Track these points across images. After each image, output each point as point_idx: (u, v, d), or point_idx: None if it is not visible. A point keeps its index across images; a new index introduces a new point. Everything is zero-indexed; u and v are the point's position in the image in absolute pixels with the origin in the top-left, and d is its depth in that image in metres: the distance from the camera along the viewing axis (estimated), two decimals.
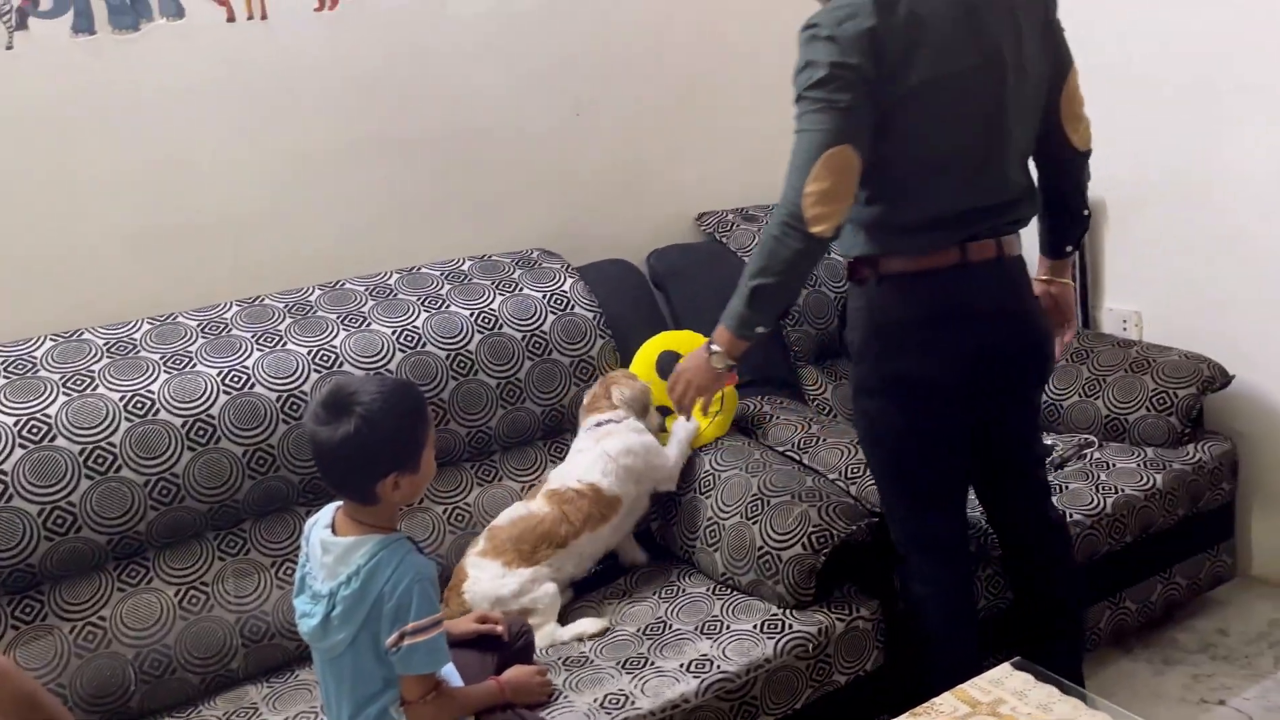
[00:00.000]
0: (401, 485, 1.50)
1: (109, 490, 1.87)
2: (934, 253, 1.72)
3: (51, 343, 1.98)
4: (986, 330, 1.76)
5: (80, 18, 2.06)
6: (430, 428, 1.55)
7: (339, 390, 1.49)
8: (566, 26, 2.56)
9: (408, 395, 1.54)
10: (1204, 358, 2.44)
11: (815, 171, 1.59)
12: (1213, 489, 2.37)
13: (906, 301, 1.74)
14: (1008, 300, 1.79)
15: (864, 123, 1.61)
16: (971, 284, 1.74)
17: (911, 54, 1.61)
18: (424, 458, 1.53)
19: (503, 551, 1.98)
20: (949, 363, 1.75)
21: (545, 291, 2.34)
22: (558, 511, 2.02)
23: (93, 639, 1.84)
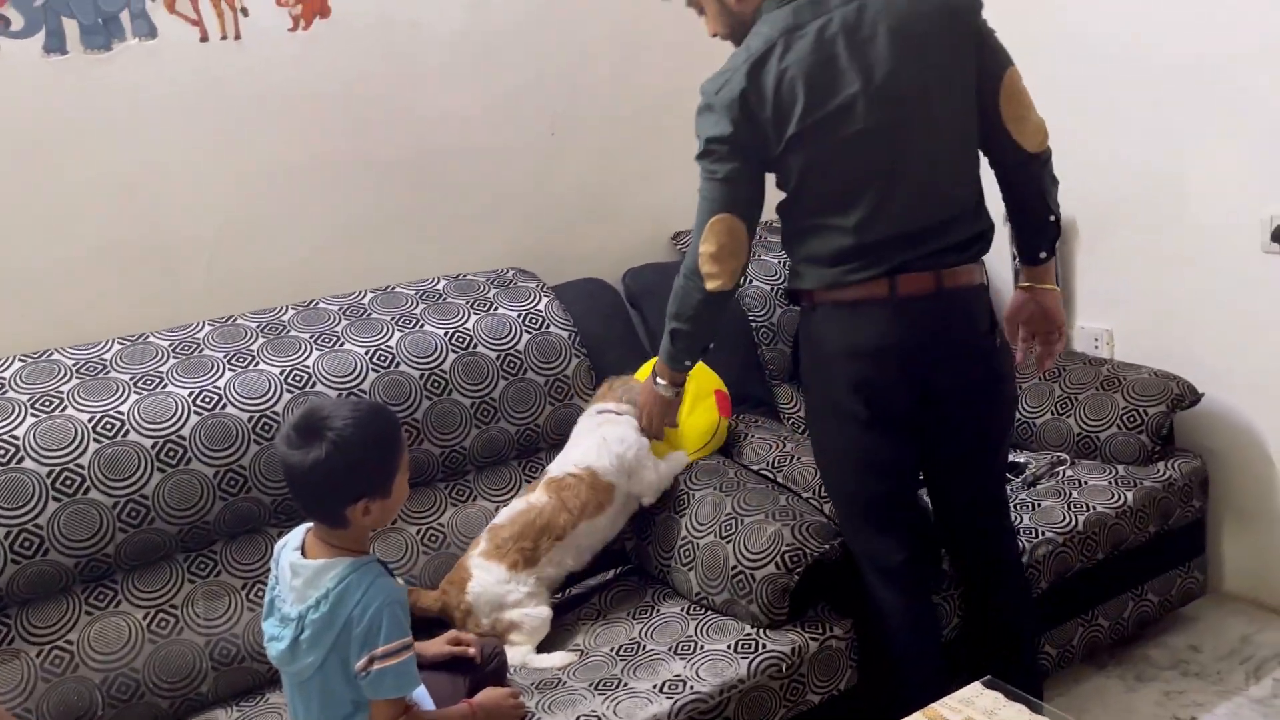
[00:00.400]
0: (372, 510, 1.49)
1: (77, 512, 1.85)
2: (861, 284, 1.74)
3: (20, 363, 1.97)
4: (929, 365, 1.77)
5: (52, 37, 2.05)
6: (403, 453, 1.54)
7: (311, 414, 1.48)
8: (540, 47, 2.57)
9: (380, 420, 1.53)
10: (1174, 376, 2.47)
11: (705, 234, 1.78)
12: (1183, 506, 2.39)
13: (836, 332, 1.79)
14: (954, 334, 1.78)
15: (743, 190, 1.77)
16: (906, 318, 1.74)
17: (788, 103, 1.69)
18: (396, 483, 1.52)
19: (505, 553, 1.99)
20: (876, 395, 1.78)
21: (520, 310, 2.34)
22: (556, 500, 2.05)
23: (60, 663, 1.82)
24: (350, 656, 1.46)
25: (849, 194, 1.72)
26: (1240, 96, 2.36)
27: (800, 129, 1.69)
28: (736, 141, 1.72)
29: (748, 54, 1.71)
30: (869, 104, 1.68)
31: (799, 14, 1.70)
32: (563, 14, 2.59)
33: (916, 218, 1.73)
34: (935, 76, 1.71)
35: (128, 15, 2.11)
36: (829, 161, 1.72)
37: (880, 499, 1.88)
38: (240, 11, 2.21)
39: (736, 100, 1.70)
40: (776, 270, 2.66)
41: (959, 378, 1.80)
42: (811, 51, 1.68)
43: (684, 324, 1.90)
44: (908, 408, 1.80)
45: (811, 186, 1.75)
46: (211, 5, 2.18)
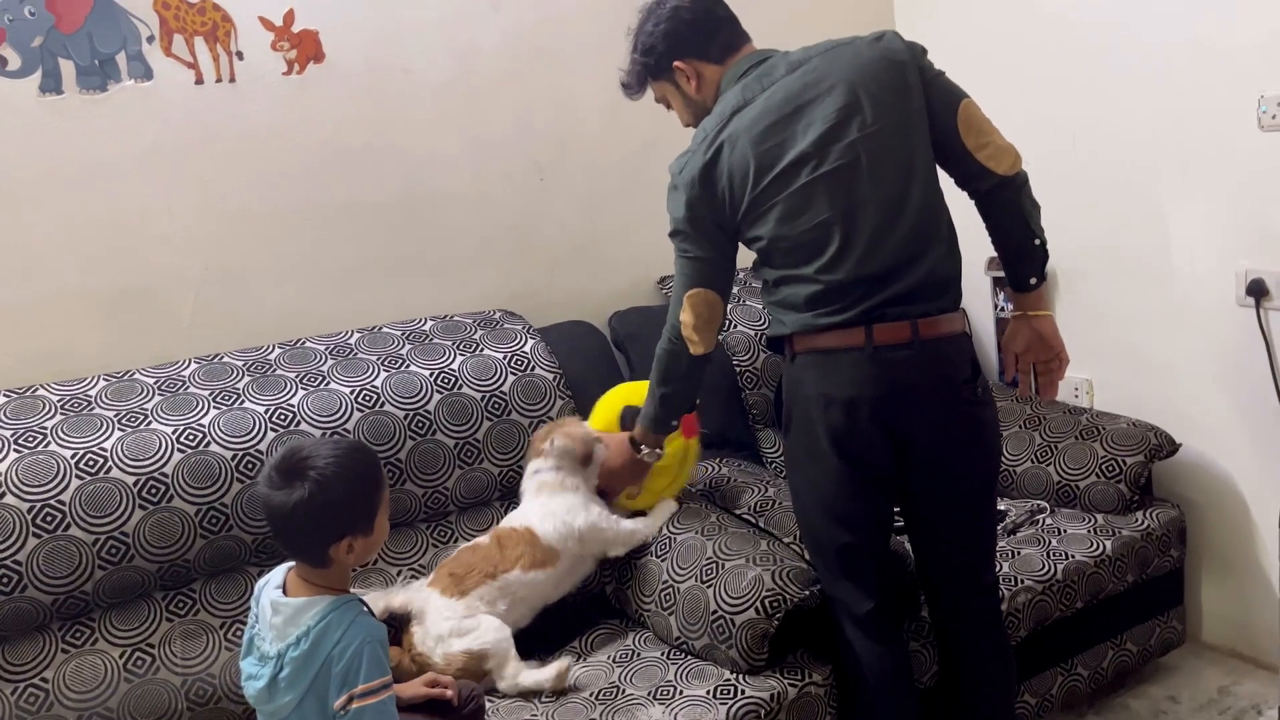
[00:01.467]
0: (355, 548, 1.50)
1: (57, 549, 1.85)
2: (836, 331, 1.76)
3: (4, 398, 1.97)
4: (906, 415, 1.78)
5: (48, 78, 2.08)
6: (384, 491, 1.55)
7: (292, 454, 1.49)
8: (528, 95, 2.62)
9: (361, 458, 1.53)
10: (1152, 426, 2.49)
11: (684, 306, 1.89)
12: (1161, 555, 2.41)
13: (813, 380, 1.80)
14: (932, 383, 1.78)
15: (713, 264, 1.88)
16: (882, 367, 1.75)
17: (740, 173, 1.79)
18: (378, 521, 1.53)
19: (440, 580, 2.01)
20: (849, 444, 1.79)
21: (506, 352, 2.36)
22: (495, 545, 2.06)
23: (34, 701, 1.81)
24: (329, 695, 1.46)
25: (810, 245, 1.77)
26: (1215, 151, 2.41)
27: (755, 194, 1.79)
28: (700, 220, 1.84)
29: (704, 134, 1.84)
30: (818, 159, 1.75)
31: (747, 91, 1.82)
32: (549, 65, 2.64)
33: (881, 259, 1.75)
34: (887, 124, 1.75)
35: (124, 57, 2.14)
36: (786, 219, 1.77)
37: (848, 548, 1.88)
38: (236, 55, 2.25)
39: (697, 178, 1.82)
40: (760, 316, 2.69)
41: (936, 429, 1.80)
42: (758, 121, 1.78)
43: (674, 386, 1.99)
44: (881, 459, 1.81)
45: (776, 244, 1.80)
46: (208, 48, 2.22)
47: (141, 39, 2.15)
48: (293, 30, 2.30)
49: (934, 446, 1.81)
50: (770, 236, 1.80)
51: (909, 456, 1.82)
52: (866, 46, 1.80)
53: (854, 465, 1.81)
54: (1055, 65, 2.69)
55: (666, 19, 1.92)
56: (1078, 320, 2.77)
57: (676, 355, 1.94)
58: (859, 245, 1.75)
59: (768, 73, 1.82)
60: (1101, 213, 2.66)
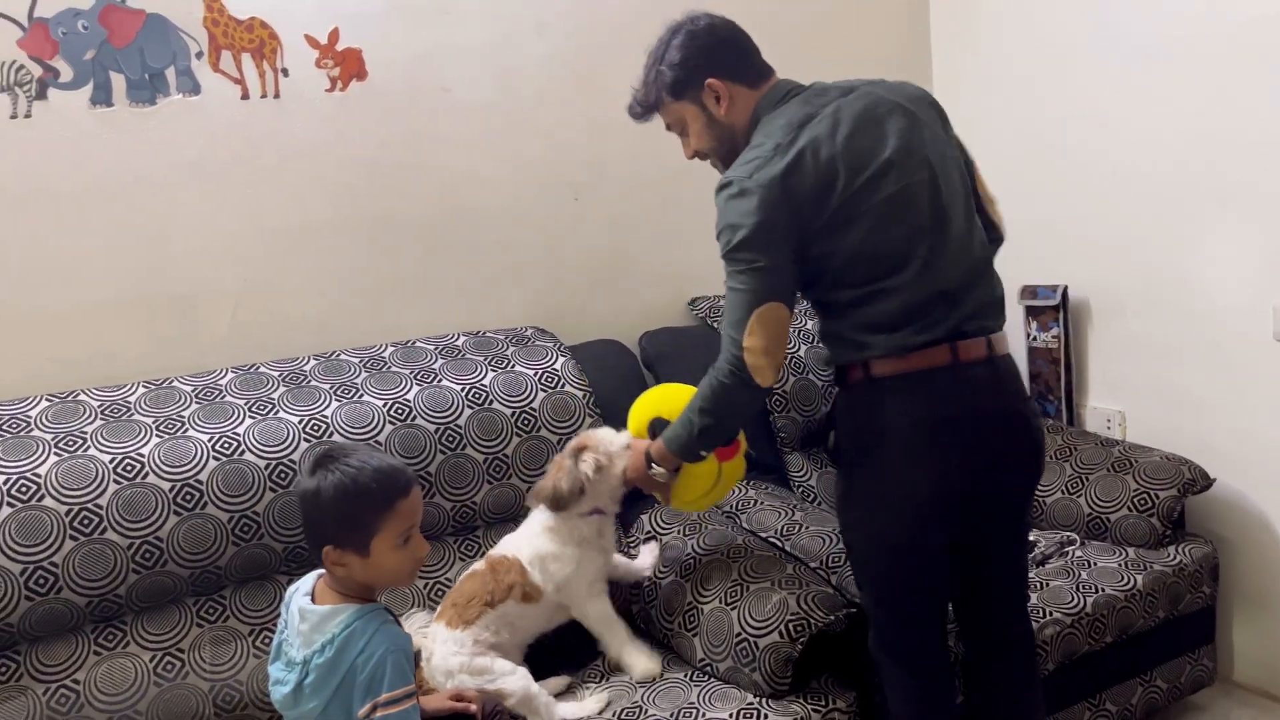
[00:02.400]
0: (347, 563, 1.49)
1: (92, 552, 1.88)
2: (923, 351, 1.70)
3: (47, 403, 2.01)
4: (986, 436, 1.73)
5: (99, 90, 2.13)
6: (391, 520, 1.50)
7: (331, 450, 1.53)
8: (565, 117, 2.65)
9: (375, 479, 1.49)
10: (1185, 460, 2.47)
11: (749, 327, 1.70)
12: (1193, 592, 2.38)
13: (901, 405, 1.71)
14: (1005, 402, 1.77)
15: (786, 275, 1.71)
16: (967, 386, 1.71)
17: (830, 174, 1.69)
18: (375, 545, 1.49)
19: (444, 612, 1.99)
20: (945, 472, 1.71)
21: (537, 369, 2.38)
22: (489, 573, 2.02)
23: (65, 702, 1.83)
24: (353, 703, 1.47)
25: (897, 255, 1.71)
26: (1253, 185, 2.40)
27: (847, 198, 1.69)
28: (775, 225, 1.68)
29: (773, 141, 1.71)
30: (901, 167, 1.71)
31: (808, 105, 1.76)
32: (585, 88, 2.67)
33: (961, 271, 1.74)
34: (942, 149, 1.78)
35: (173, 72, 2.19)
36: (880, 226, 1.70)
37: (925, 587, 1.80)
38: (281, 72, 2.30)
39: (777, 180, 1.67)
40: (791, 338, 2.69)
41: (1011, 449, 1.78)
42: (837, 129, 1.71)
43: (719, 421, 1.81)
44: (960, 485, 1.74)
45: (860, 255, 1.71)
46: (254, 64, 2.27)
47: (190, 55, 2.20)
48: (336, 49, 2.35)
49: (1002, 468, 1.78)
50: (856, 246, 1.70)
51: (980, 480, 1.76)
52: (903, 84, 1.82)
53: (937, 497, 1.73)
54: (1091, 99, 2.69)
55: (703, 33, 1.82)
56: (1111, 351, 2.75)
57: (733, 391, 1.74)
58: (944, 255, 1.72)
59: (820, 94, 1.78)
60: (1137, 246, 2.64)
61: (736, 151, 1.79)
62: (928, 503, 1.73)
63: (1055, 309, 2.78)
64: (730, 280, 1.72)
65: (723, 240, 1.72)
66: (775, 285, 1.70)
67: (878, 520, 1.78)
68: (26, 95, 2.07)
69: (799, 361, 2.65)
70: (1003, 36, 2.91)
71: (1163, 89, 2.53)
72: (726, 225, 1.71)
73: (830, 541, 2.20)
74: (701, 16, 1.85)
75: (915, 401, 1.71)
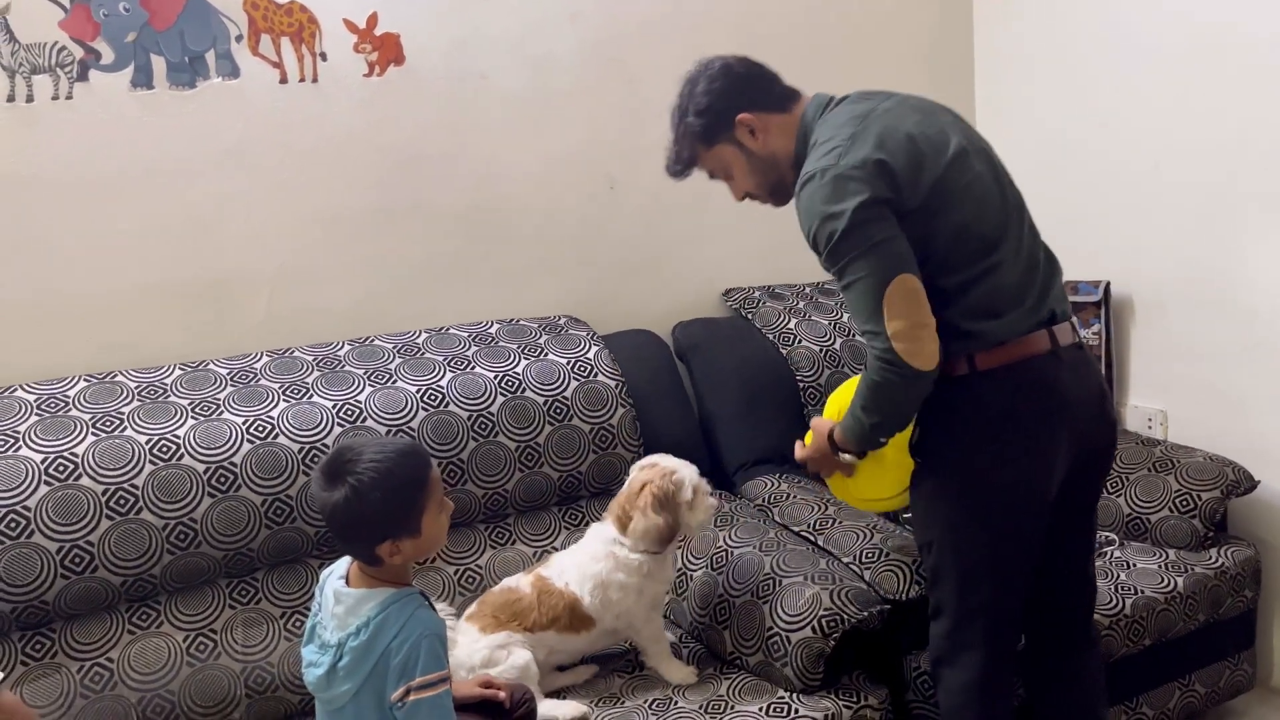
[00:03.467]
0: (402, 549, 1.50)
1: (128, 531, 1.89)
2: (1024, 339, 1.68)
3: (85, 383, 2.03)
4: (1084, 418, 1.74)
5: (140, 73, 2.14)
6: (430, 493, 1.52)
7: (339, 455, 1.51)
8: (601, 105, 2.63)
9: (405, 463, 1.51)
10: (1229, 461, 2.42)
11: (888, 311, 1.60)
12: (1234, 595, 2.33)
13: (1011, 396, 1.68)
14: (1098, 387, 1.79)
15: (904, 245, 1.62)
16: (1066, 371, 1.71)
17: (915, 156, 1.65)
18: (425, 521, 1.51)
19: (482, 617, 1.97)
20: (1050, 458, 1.70)
21: (570, 358, 2.37)
22: (534, 599, 1.96)
23: (99, 680, 1.85)
24: (386, 687, 1.47)
25: (997, 231, 1.70)
26: None
27: (936, 175, 1.65)
28: (880, 202, 1.61)
29: (847, 130, 1.66)
30: (970, 154, 1.71)
31: (860, 103, 1.74)
32: (621, 76, 2.65)
33: (1038, 259, 1.75)
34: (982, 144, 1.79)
35: (213, 55, 2.20)
36: (973, 203, 1.69)
37: (1020, 578, 1.77)
38: (320, 56, 2.30)
39: (869, 159, 1.62)
40: (826, 331, 2.66)
41: (1100, 432, 1.79)
42: (904, 118, 1.69)
43: (887, 417, 1.70)
44: (1064, 470, 1.74)
45: (966, 232, 1.67)
46: (293, 48, 2.27)
47: (230, 38, 2.21)
48: (375, 33, 2.34)
49: (1097, 452, 1.79)
50: (956, 227, 1.66)
51: (1081, 468, 1.77)
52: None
53: (1047, 484, 1.71)
54: (1137, 93, 2.64)
55: (719, 77, 1.80)
56: (1154, 349, 2.70)
57: (891, 386, 1.64)
58: (1024, 240, 1.73)
59: (866, 97, 1.76)
60: (1182, 242, 2.59)
61: (784, 181, 1.79)
62: (1039, 490, 1.72)
63: (1096, 305, 2.73)
64: (846, 275, 1.64)
65: (823, 235, 1.63)
66: (897, 257, 1.61)
67: (985, 512, 1.72)
68: (68, 77, 2.08)
69: (834, 354, 2.63)
70: (1047, 28, 2.86)
71: (1210, 85, 2.48)
72: (825, 217, 1.62)
73: (865, 536, 2.17)
74: (714, 61, 1.83)
75: (1024, 390, 1.69)
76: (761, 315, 2.72)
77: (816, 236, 1.65)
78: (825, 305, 2.77)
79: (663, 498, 1.94)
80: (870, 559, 2.11)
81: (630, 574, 1.96)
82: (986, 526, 1.73)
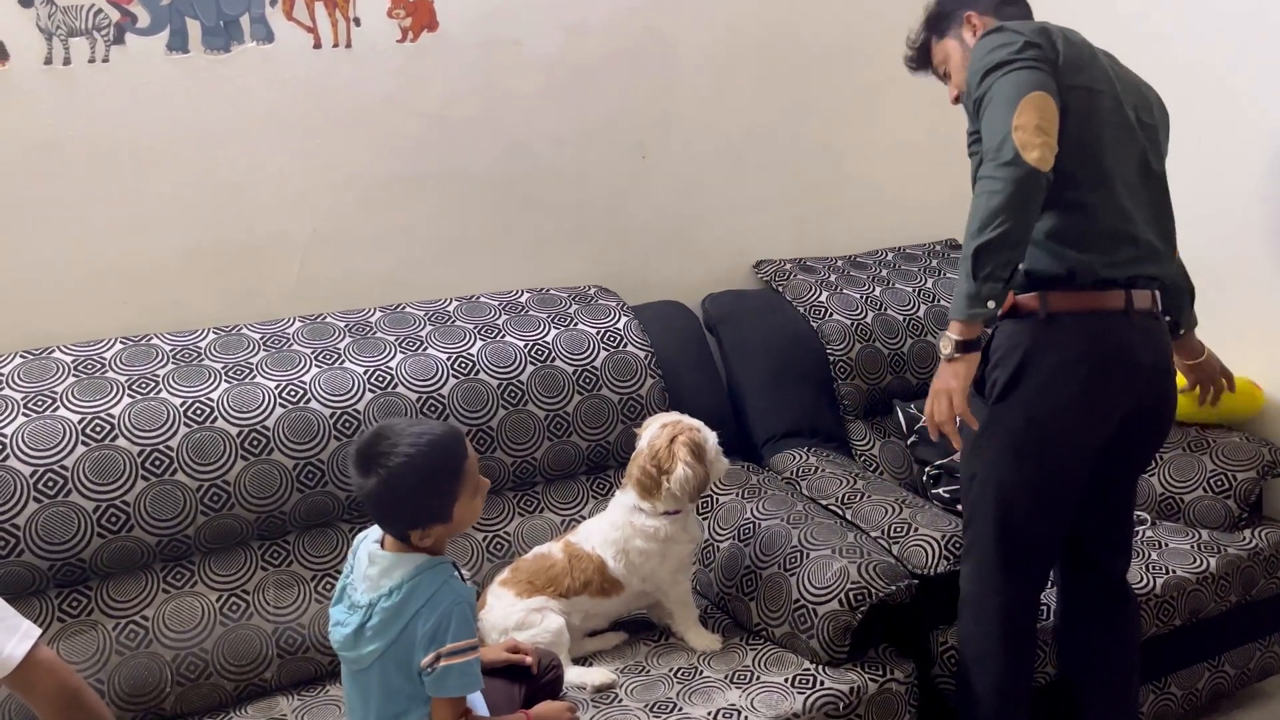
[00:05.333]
0: (432, 533, 1.52)
1: (163, 492, 1.92)
2: (1100, 292, 1.72)
3: (121, 345, 2.05)
4: (1143, 384, 1.78)
5: (175, 36, 2.14)
6: (465, 480, 1.53)
7: (374, 440, 1.51)
8: (634, 75, 2.61)
9: (439, 451, 1.51)
10: (1267, 441, 2.39)
11: (1020, 109, 1.60)
12: (1268, 578, 2.31)
13: (1076, 343, 1.72)
14: (1161, 356, 1.81)
15: (1052, 84, 1.67)
16: (1134, 332, 1.75)
17: (1073, 60, 1.73)
18: (457, 508, 1.53)
19: (518, 583, 1.98)
20: (1103, 413, 1.76)
21: (599, 328, 2.36)
22: (566, 564, 1.98)
23: (134, 638, 1.88)
24: (414, 651, 1.49)
25: (1110, 173, 1.74)
26: None
27: (1081, 84, 1.72)
28: (1046, 60, 1.68)
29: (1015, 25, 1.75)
30: (1117, 102, 1.77)
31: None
32: (657, 45, 2.62)
33: (1144, 221, 1.78)
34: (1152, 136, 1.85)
35: (248, 19, 2.19)
36: (1095, 132, 1.73)
37: (1056, 525, 1.85)
38: (354, 21, 2.29)
39: (1043, 32, 1.72)
40: (858, 304, 2.64)
41: (1159, 401, 1.83)
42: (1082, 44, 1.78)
43: (997, 226, 1.58)
44: (1119, 426, 1.79)
45: (1085, 152, 1.72)
46: (327, 13, 2.26)
47: (265, 2, 2.20)
48: None
49: (1146, 421, 1.83)
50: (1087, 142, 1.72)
51: (1132, 430, 1.81)
52: None
53: (1095, 438, 1.78)
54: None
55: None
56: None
57: (1000, 179, 1.58)
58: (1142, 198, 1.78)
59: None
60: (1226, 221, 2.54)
61: None
62: (1085, 443, 1.77)
63: None
64: (996, 85, 1.66)
65: (991, 54, 1.68)
66: (1042, 79, 1.65)
67: (1032, 454, 1.77)
68: (105, 39, 2.09)
69: (865, 328, 2.60)
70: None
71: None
72: (994, 48, 1.69)
73: (893, 510, 2.16)
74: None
75: (1090, 341, 1.73)
76: (792, 288, 2.70)
77: (982, 72, 1.69)
78: (857, 279, 2.74)
79: (694, 449, 1.95)
80: (899, 533, 2.10)
81: (649, 540, 1.97)
82: (1034, 466, 1.78)
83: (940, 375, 1.71)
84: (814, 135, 2.84)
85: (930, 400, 1.73)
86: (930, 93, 2.20)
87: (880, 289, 2.71)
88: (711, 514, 2.25)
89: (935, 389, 1.72)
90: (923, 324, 2.66)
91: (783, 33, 2.75)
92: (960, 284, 1.65)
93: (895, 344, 2.61)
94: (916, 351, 2.62)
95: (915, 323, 2.65)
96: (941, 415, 1.70)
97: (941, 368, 1.71)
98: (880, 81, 2.83)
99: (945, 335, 1.69)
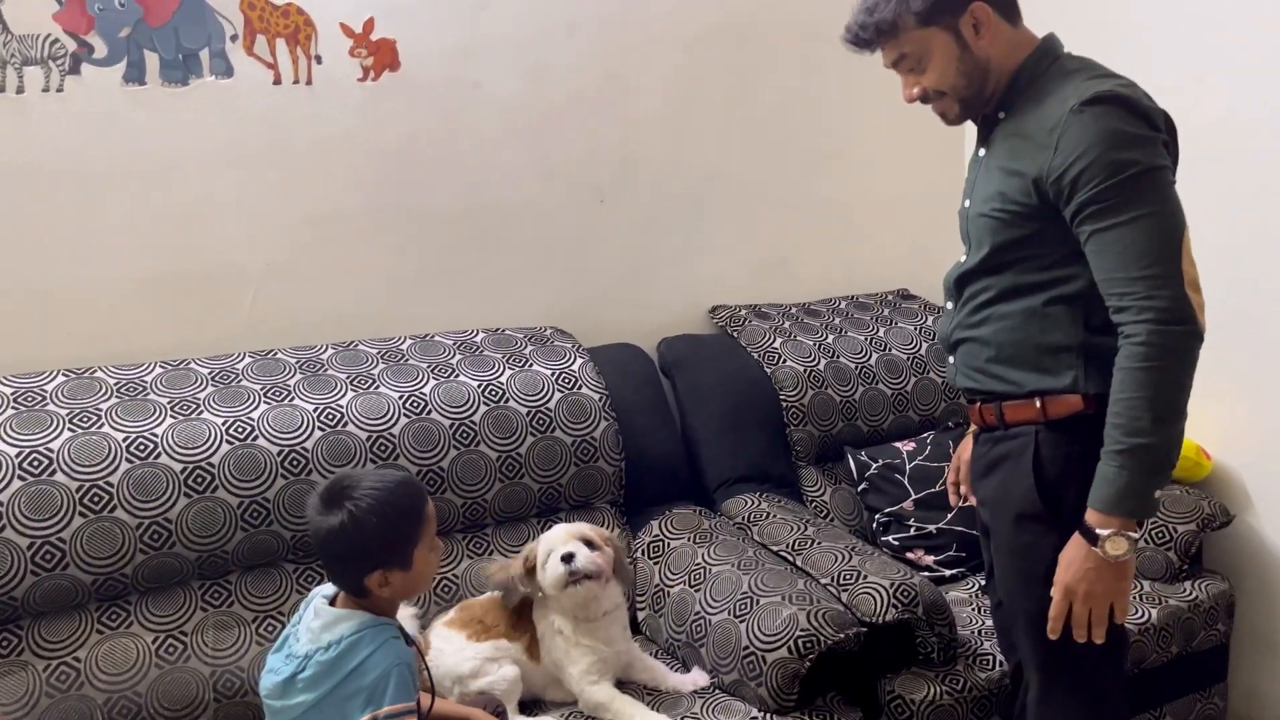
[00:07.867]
0: (391, 581, 1.51)
1: (101, 529, 1.87)
2: None
3: (63, 378, 2.00)
4: None
5: (132, 68, 2.13)
6: (424, 527, 1.54)
7: (338, 482, 1.53)
8: (594, 118, 2.63)
9: (402, 494, 1.53)
10: (1206, 495, 2.43)
11: (1187, 256, 1.40)
12: (1208, 629, 2.34)
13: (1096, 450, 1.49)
14: None
15: None
16: None
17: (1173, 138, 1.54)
18: (417, 555, 1.53)
19: (469, 624, 1.96)
20: None
21: (554, 369, 2.36)
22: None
23: (65, 680, 1.82)
24: (348, 707, 1.46)
25: None
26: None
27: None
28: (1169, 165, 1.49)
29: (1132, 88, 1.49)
30: None
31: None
32: (615, 89, 2.65)
33: None
34: None
35: (207, 54, 2.19)
36: None
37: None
38: (315, 59, 2.29)
39: (1165, 114, 1.50)
40: (811, 351, 2.67)
41: None
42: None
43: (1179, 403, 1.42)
44: None
45: None
46: (288, 50, 2.26)
47: (225, 37, 2.20)
48: (371, 38, 2.34)
49: None
50: None
51: None
52: None
53: None
54: None
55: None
56: None
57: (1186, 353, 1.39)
58: None
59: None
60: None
61: (983, 94, 1.60)
62: None
63: None
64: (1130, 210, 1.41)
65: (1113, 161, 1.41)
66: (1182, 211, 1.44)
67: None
68: (60, 69, 2.07)
69: (818, 375, 2.63)
70: None
71: None
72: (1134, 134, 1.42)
73: (843, 558, 2.17)
74: None
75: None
76: (747, 333, 2.73)
77: (1098, 161, 1.42)
78: (811, 326, 2.78)
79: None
80: (848, 580, 2.10)
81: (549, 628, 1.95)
82: None
83: (1100, 575, 1.47)
84: (771, 184, 2.88)
85: (1082, 601, 1.50)
86: (887, 146, 2.23)
87: (833, 337, 2.74)
88: (663, 558, 2.24)
89: (1093, 590, 1.49)
90: (874, 372, 2.69)
91: (742, 82, 2.80)
92: (1137, 475, 1.43)
93: (847, 391, 2.63)
94: (868, 399, 2.65)
95: (867, 370, 2.68)
96: (1100, 621, 1.50)
97: (1101, 567, 1.47)
98: (838, 132, 2.88)
99: (1118, 534, 1.45)
